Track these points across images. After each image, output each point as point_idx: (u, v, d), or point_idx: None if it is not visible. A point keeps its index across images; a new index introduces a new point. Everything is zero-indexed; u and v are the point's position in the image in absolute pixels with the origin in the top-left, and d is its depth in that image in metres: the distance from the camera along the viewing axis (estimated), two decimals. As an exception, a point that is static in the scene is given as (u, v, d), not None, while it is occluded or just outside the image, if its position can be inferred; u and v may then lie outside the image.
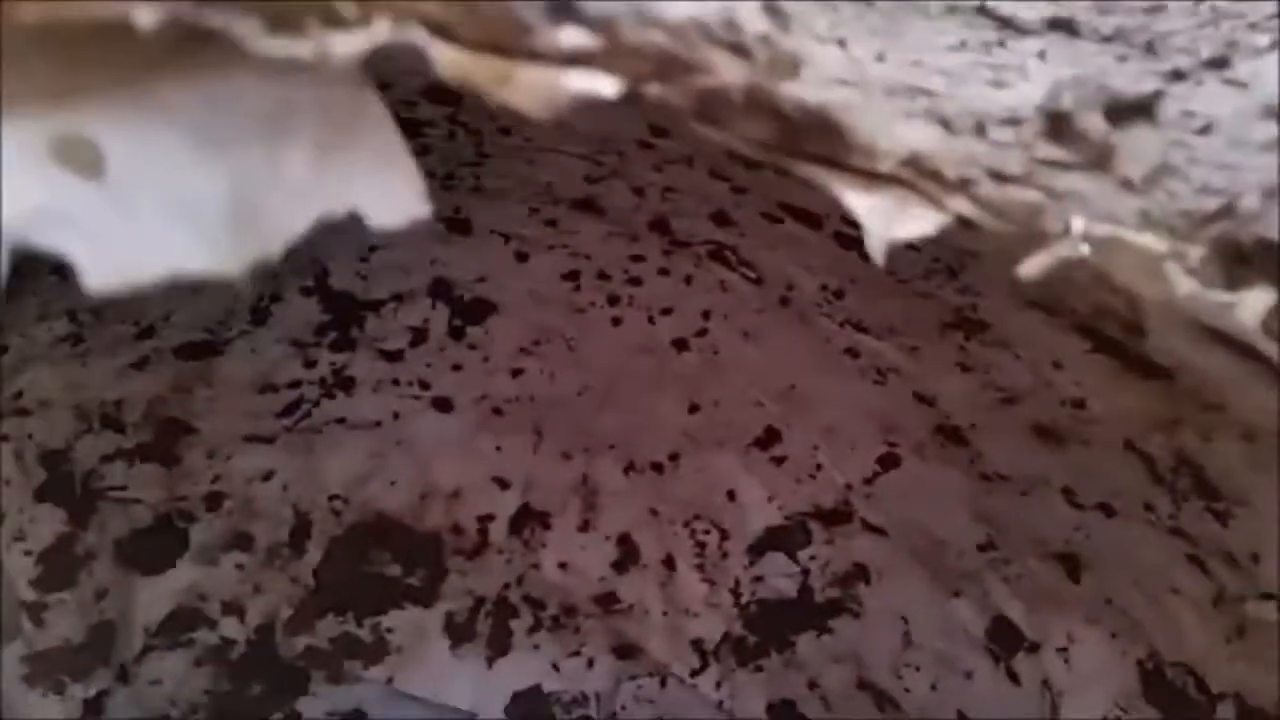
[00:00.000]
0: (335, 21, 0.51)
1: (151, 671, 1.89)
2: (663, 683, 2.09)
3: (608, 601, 2.02)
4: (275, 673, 2.02)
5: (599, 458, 1.91)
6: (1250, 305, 0.61)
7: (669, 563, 1.96)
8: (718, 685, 2.06)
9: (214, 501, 1.85)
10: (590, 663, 2.08)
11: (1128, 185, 0.63)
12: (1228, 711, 1.38)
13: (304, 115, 0.55)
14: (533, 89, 0.51)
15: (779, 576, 1.91)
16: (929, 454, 1.59)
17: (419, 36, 0.48)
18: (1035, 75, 0.70)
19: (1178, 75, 0.71)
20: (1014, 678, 1.67)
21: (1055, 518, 1.44)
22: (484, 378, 1.84)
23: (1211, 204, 0.63)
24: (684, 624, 2.00)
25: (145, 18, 0.48)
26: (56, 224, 0.50)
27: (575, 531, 1.95)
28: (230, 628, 1.97)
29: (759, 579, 1.95)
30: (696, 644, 2.01)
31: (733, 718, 2.10)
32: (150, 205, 0.53)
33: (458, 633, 2.01)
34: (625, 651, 2.06)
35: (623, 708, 2.13)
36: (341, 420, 1.85)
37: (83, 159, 0.50)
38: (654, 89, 0.54)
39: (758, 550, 1.93)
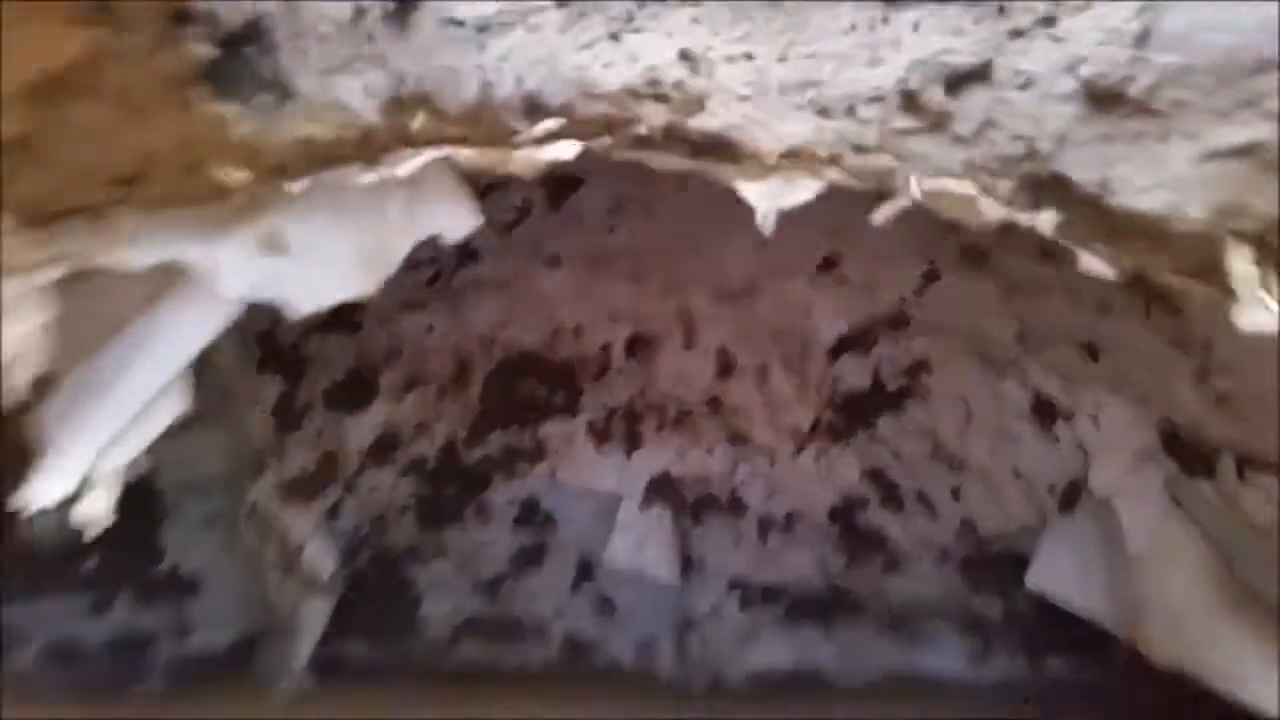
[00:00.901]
0: (409, 141, 0.83)
1: (368, 484, 2.48)
2: (771, 462, 2.53)
3: (715, 403, 2.44)
4: (462, 477, 2.58)
5: (690, 291, 2.28)
6: (1045, 219, 0.86)
7: (762, 370, 2.35)
8: (816, 459, 2.48)
9: (392, 355, 2.34)
10: (710, 450, 2.53)
11: (959, 140, 0.87)
12: (1229, 461, 1.65)
13: (396, 190, 0.89)
14: (522, 163, 0.82)
15: (855, 373, 2.28)
16: (963, 269, 1.87)
17: (449, 150, 0.81)
18: (907, 47, 0.93)
19: (1017, 33, 0.92)
20: (1054, 439, 1.99)
21: (1068, 316, 1.71)
22: (583, 237, 2.21)
23: (1020, 149, 0.86)
24: (781, 415, 2.41)
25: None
26: (269, 284, 0.88)
27: (681, 350, 2.34)
28: (422, 446, 2.53)
29: (838, 377, 2.32)
30: (794, 431, 2.41)
31: (834, 485, 2.53)
32: (317, 262, 0.89)
33: (599, 435, 2.50)
34: (736, 439, 2.50)
35: (741, 483, 2.59)
36: (477, 282, 2.28)
37: (277, 245, 0.87)
38: (602, 142, 0.83)
39: (834, 353, 2.29)
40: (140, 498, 1.92)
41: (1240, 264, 0.86)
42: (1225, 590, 1.63)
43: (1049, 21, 0.90)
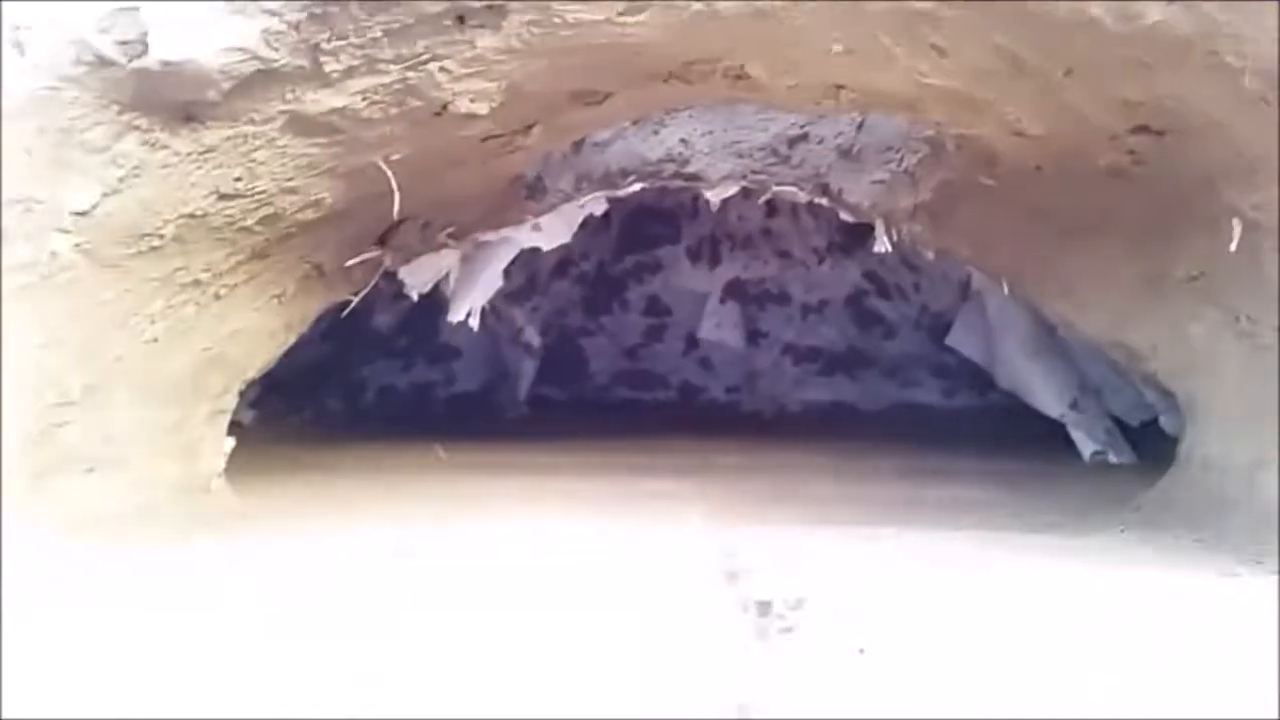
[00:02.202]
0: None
1: (554, 289, 3.86)
2: (806, 268, 3.79)
3: (767, 232, 3.69)
4: (610, 283, 3.97)
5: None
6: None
7: (794, 210, 3.56)
8: (832, 266, 3.74)
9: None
10: (765, 262, 3.82)
11: (793, 167, 2.12)
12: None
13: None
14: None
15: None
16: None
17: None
18: (775, 124, 2.18)
19: (821, 116, 2.15)
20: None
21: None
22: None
23: (815, 171, 2.11)
24: (809, 239, 3.65)
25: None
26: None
27: (741, 200, 3.60)
28: (585, 266, 3.90)
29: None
30: (816, 249, 3.66)
31: (846, 282, 3.78)
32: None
33: (693, 255, 3.82)
34: (781, 255, 3.77)
35: (786, 283, 3.88)
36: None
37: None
38: (645, 182, 2.13)
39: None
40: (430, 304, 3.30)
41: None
42: (1029, 344, 2.86)
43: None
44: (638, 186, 2.12)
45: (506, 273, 2.38)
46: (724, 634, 1.04)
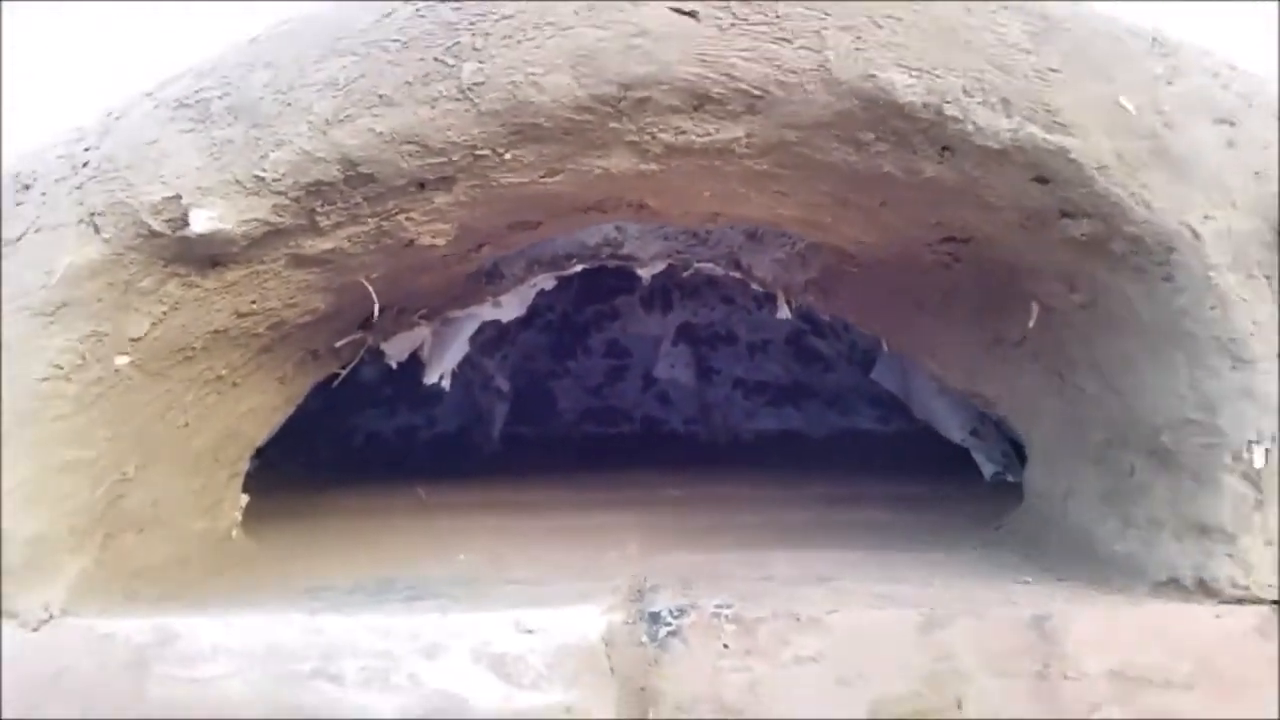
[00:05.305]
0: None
1: (522, 339, 4.27)
2: (749, 312, 4.21)
3: (712, 282, 4.10)
4: (573, 329, 4.37)
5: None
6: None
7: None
8: (774, 310, 4.15)
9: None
10: (712, 308, 4.23)
11: (700, 242, 2.53)
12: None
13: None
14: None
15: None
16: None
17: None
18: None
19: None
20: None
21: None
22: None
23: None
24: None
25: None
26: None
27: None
28: (549, 316, 4.30)
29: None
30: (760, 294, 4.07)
31: (787, 323, 4.19)
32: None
33: (646, 304, 4.24)
34: (727, 301, 4.18)
35: (733, 325, 4.29)
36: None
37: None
38: (587, 260, 2.52)
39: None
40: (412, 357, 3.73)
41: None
42: (935, 382, 3.26)
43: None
44: (580, 267, 2.51)
45: (477, 331, 2.78)
46: (624, 635, 1.43)
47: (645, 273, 2.56)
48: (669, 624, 1.46)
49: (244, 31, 1.63)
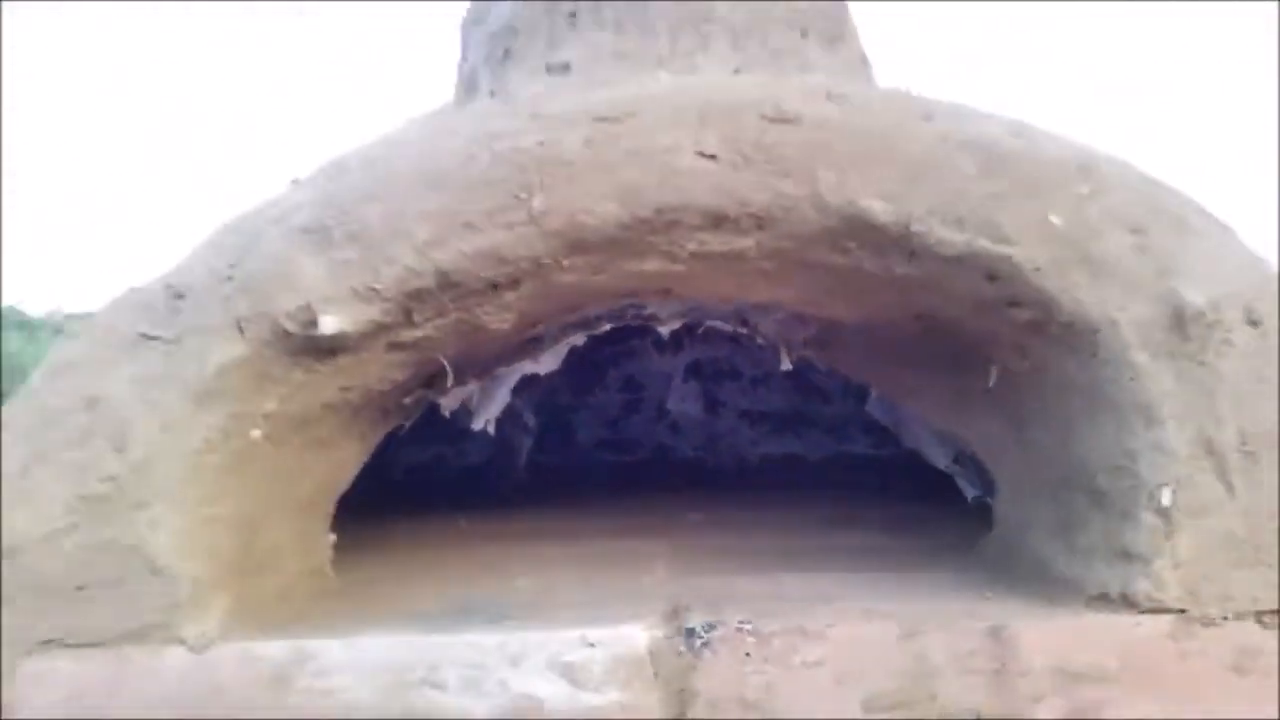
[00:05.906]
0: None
1: (545, 378, 4.64)
2: (751, 352, 4.58)
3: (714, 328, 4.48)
4: (591, 367, 4.73)
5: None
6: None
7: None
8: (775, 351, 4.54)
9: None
10: (718, 348, 4.61)
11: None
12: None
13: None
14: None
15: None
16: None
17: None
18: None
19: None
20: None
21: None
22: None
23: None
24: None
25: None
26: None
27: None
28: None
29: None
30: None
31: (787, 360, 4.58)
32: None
33: (658, 345, 4.60)
34: (732, 341, 4.55)
35: (737, 363, 4.66)
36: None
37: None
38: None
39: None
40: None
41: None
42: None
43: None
44: (608, 326, 2.89)
45: (510, 382, 3.16)
46: (665, 647, 1.81)
47: (664, 329, 2.94)
48: (702, 637, 1.83)
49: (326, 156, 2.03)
